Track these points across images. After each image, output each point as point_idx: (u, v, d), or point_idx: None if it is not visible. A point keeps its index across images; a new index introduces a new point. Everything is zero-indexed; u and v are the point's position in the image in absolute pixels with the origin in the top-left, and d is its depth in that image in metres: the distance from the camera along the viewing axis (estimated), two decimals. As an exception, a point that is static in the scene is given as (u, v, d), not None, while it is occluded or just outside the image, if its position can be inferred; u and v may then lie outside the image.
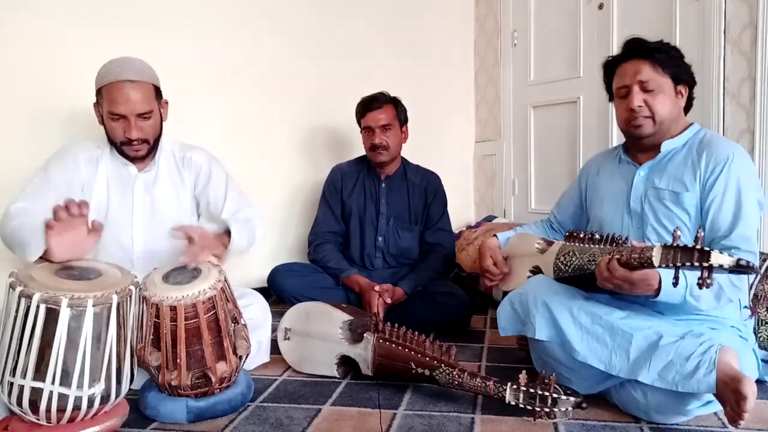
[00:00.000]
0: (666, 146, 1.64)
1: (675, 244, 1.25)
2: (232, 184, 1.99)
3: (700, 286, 1.19)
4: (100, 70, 1.76)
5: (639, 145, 1.70)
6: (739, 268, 1.17)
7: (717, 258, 1.17)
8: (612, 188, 1.75)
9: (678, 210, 1.59)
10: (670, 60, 1.62)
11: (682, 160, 1.62)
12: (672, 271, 1.26)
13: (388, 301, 2.32)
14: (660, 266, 1.27)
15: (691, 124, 1.68)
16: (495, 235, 1.96)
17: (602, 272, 1.42)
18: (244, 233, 1.86)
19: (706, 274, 1.18)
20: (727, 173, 1.53)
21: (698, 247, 1.20)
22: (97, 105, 1.79)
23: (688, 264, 1.20)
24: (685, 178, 1.59)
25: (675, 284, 1.26)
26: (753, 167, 1.61)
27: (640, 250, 1.34)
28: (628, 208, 1.69)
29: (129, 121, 1.74)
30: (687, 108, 1.70)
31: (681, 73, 1.64)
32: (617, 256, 1.39)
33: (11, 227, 1.56)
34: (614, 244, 1.48)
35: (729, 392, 1.29)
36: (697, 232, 1.22)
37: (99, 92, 1.76)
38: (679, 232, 1.26)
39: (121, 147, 1.80)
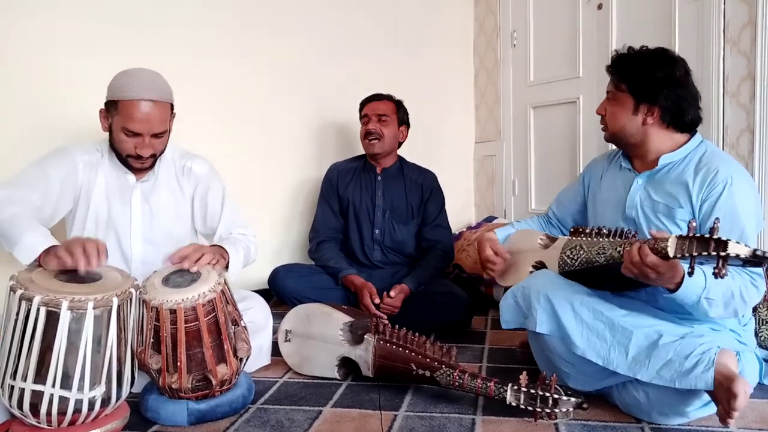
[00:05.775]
0: (664, 159, 1.61)
1: (691, 235, 1.24)
2: (228, 200, 1.97)
3: (715, 276, 1.18)
4: (118, 81, 1.69)
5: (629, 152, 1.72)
6: (755, 258, 1.16)
7: (734, 247, 1.16)
8: (611, 194, 1.75)
9: (670, 224, 1.56)
10: (631, 75, 1.61)
11: (678, 176, 1.58)
12: (688, 264, 1.25)
13: (377, 300, 2.32)
14: (675, 256, 1.26)
15: (691, 137, 1.63)
16: (494, 231, 1.95)
17: (632, 257, 1.35)
18: (241, 252, 1.83)
19: (721, 264, 1.18)
20: (726, 198, 1.48)
21: (714, 237, 1.19)
22: (106, 113, 1.73)
23: (704, 253, 1.19)
24: (679, 196, 1.56)
25: (690, 274, 1.24)
26: (752, 189, 1.53)
27: (655, 240, 1.32)
28: (624, 214, 1.67)
29: (143, 140, 1.71)
30: (684, 127, 1.63)
31: (644, 91, 1.60)
32: (637, 245, 1.36)
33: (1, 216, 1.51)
34: (624, 237, 1.47)
35: (722, 390, 1.30)
36: (714, 222, 1.21)
37: (113, 103, 1.69)
38: (694, 224, 1.25)
39: (126, 159, 1.77)
